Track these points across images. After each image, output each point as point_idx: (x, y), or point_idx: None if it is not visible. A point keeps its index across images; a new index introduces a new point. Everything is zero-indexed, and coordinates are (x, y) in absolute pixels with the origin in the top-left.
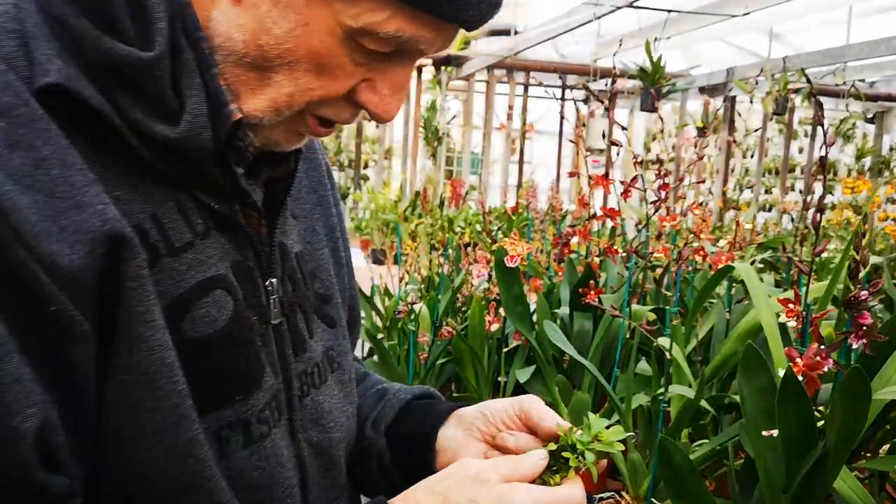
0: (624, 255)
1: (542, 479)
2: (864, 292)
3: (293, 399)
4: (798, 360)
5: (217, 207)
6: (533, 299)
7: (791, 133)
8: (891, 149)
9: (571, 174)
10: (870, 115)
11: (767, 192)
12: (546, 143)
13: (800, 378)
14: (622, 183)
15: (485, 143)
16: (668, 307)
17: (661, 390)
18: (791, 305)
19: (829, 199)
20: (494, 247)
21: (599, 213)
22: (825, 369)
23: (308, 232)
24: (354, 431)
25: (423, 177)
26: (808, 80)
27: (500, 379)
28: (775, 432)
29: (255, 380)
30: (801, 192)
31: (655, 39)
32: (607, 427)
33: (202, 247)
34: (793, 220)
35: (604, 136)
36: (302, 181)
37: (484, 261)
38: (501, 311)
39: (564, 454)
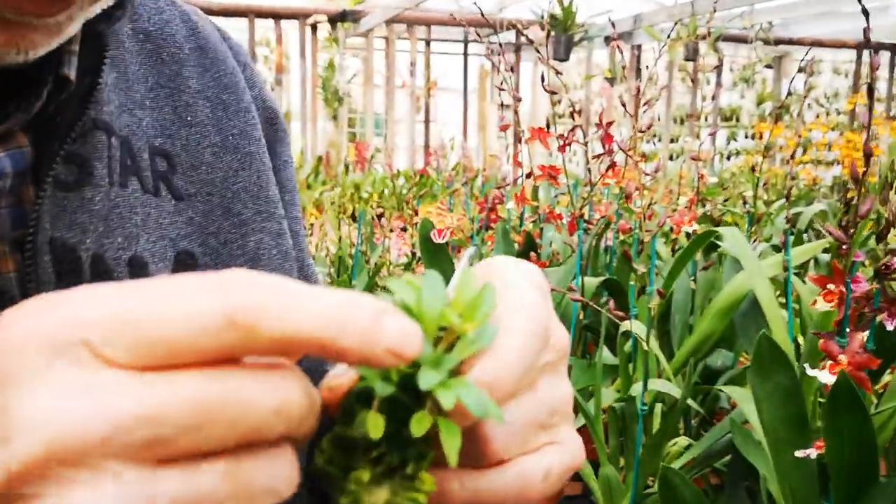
0: (569, 220)
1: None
2: None
3: None
4: (841, 356)
5: None
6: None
7: (697, 79)
8: (789, 93)
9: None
10: (768, 61)
11: (673, 140)
12: (451, 100)
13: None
14: (560, 137)
15: (388, 103)
16: (632, 283)
17: (636, 387)
18: (831, 287)
19: (733, 146)
20: (414, 216)
21: (537, 171)
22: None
23: (216, 216)
24: None
25: (324, 141)
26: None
27: None
28: (813, 453)
29: None
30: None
31: None
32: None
33: None
34: (712, 168)
35: (503, 91)
36: (207, 134)
37: (401, 232)
38: None
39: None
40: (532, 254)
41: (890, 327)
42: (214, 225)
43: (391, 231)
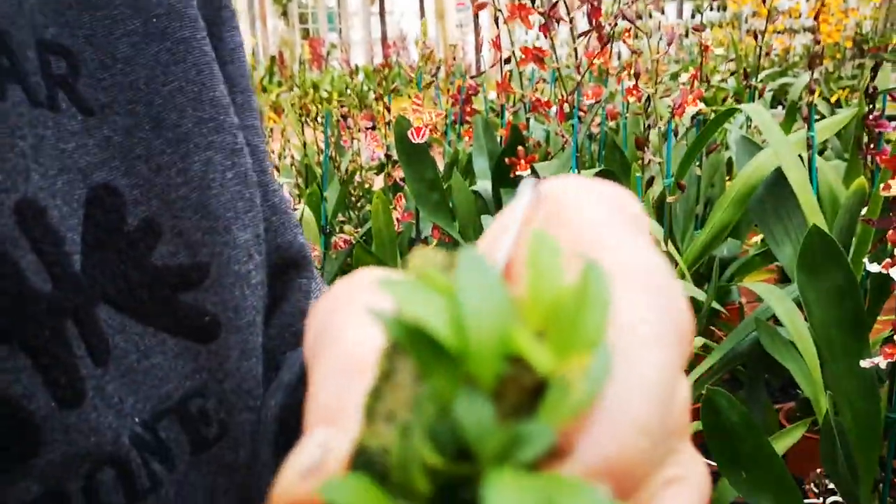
0: (557, 108)
1: None
2: None
3: None
4: None
5: None
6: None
7: None
8: None
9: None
10: None
11: (639, 17)
12: None
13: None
14: (543, 14)
15: None
16: (637, 174)
17: None
18: None
19: (698, 18)
20: (386, 113)
21: (520, 55)
22: None
23: (144, 132)
24: None
25: (276, 39)
26: None
27: None
28: (882, 362)
29: None
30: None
31: None
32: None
33: None
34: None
35: None
36: (121, 17)
37: (372, 132)
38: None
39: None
40: (520, 148)
41: None
42: (142, 145)
43: (359, 131)
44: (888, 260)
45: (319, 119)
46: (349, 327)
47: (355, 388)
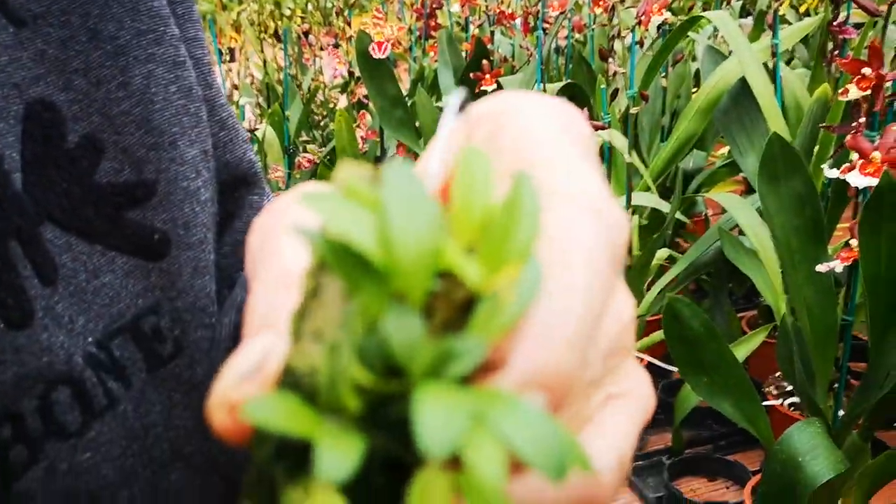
0: (522, 21)
1: None
2: None
3: None
4: (875, 154)
5: None
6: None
7: None
8: None
9: None
10: None
11: None
12: None
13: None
14: None
15: None
16: (602, 85)
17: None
18: (867, 72)
19: None
20: (347, 29)
21: None
22: None
23: (80, 44)
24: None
25: None
26: None
27: None
28: (838, 266)
29: None
30: None
31: None
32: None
33: None
34: None
35: None
36: None
37: (334, 49)
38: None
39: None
40: (484, 62)
41: None
42: (79, 58)
43: (321, 49)
44: (846, 165)
45: (279, 36)
46: (286, 242)
47: (292, 300)
